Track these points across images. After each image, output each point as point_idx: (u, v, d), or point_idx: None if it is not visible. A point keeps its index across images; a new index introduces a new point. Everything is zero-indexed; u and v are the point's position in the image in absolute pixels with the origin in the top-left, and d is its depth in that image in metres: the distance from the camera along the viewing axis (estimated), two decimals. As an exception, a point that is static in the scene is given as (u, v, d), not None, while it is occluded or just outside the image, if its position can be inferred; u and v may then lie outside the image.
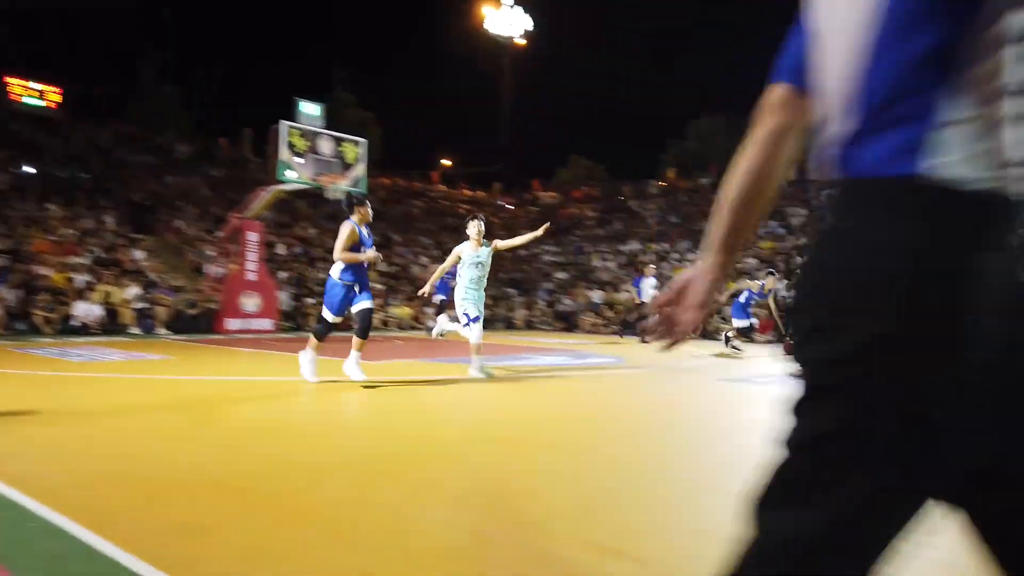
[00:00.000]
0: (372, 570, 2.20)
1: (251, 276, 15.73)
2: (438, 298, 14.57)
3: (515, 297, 22.88)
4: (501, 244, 8.17)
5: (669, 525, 2.79)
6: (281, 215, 21.82)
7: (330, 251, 20.88)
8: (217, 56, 39.50)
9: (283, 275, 18.63)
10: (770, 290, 12.77)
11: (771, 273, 13.02)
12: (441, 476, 3.47)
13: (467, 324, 7.74)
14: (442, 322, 8.68)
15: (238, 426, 4.69)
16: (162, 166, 23.42)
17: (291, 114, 14.84)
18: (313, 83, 34.28)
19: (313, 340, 6.74)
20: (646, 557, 2.40)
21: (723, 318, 18.75)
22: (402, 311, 19.46)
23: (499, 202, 34.02)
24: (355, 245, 6.62)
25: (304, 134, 14.81)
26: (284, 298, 17.32)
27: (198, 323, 15.10)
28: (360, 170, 15.84)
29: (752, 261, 21.62)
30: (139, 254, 17.26)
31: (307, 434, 4.48)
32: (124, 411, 5.21)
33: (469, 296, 7.76)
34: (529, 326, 21.72)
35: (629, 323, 19.51)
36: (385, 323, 18.71)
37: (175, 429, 4.50)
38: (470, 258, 7.80)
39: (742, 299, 12.72)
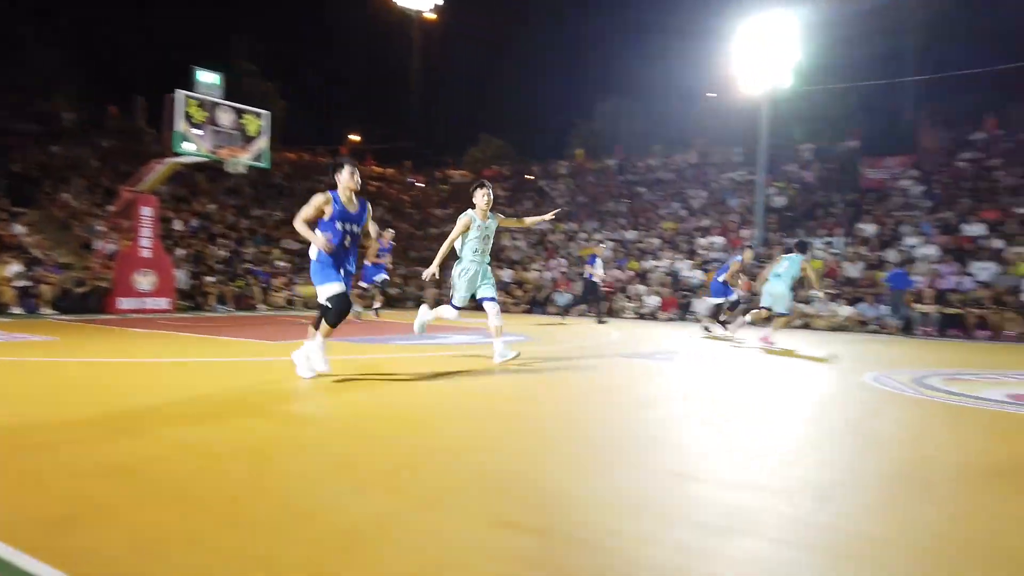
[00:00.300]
0: (273, 555, 2.16)
1: (145, 253, 15.00)
2: (380, 277, 14.05)
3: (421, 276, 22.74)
4: (505, 221, 7.46)
5: (571, 497, 2.85)
6: (178, 189, 20.83)
7: (231, 227, 20.13)
8: (107, 18, 36.91)
9: (181, 252, 17.83)
10: (749, 263, 12.66)
11: (749, 247, 12.98)
12: (343, 456, 3.42)
13: (453, 306, 7.35)
14: (421, 315, 7.71)
15: (128, 410, 4.47)
16: (46, 135, 21.85)
17: (188, 83, 14.12)
18: (211, 51, 32.58)
19: (324, 328, 5.64)
20: (547, 529, 2.45)
21: (628, 297, 19.23)
22: (308, 290, 19.01)
23: (409, 180, 33.60)
24: (329, 219, 5.53)
25: (202, 104, 14.14)
26: (182, 276, 16.61)
27: (87, 302, 14.28)
28: (263, 143, 15.29)
29: (655, 241, 22.25)
30: (20, 229, 16.11)
31: (204, 417, 4.32)
32: (2, 396, 4.88)
33: (470, 271, 7.19)
34: (440, 304, 21.63)
35: (538, 302, 19.76)
36: (291, 302, 18.26)
37: (58, 414, 4.25)
38: (478, 227, 7.09)
39: (721, 279, 12.56)
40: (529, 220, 7.74)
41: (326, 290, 5.53)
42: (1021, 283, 15.08)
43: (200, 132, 14.08)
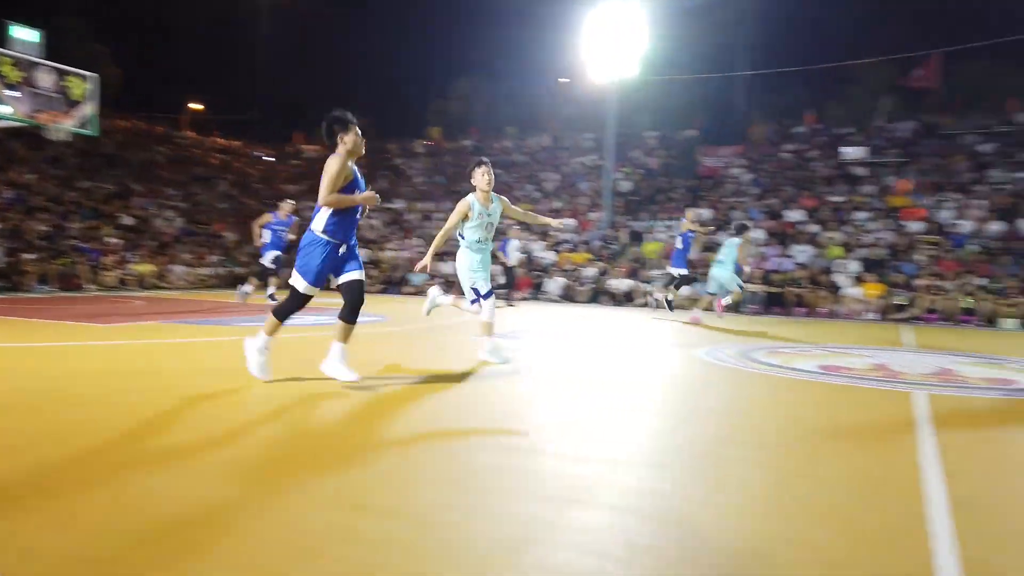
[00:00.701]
0: (93, 555, 2.06)
1: (-51, 227, 13.41)
2: (271, 255, 12.36)
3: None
4: (510, 210, 6.52)
5: (424, 478, 2.92)
6: (-12, 156, 18.73)
7: (54, 200, 18.63)
8: None
9: (-7, 226, 16.10)
10: (693, 220, 12.59)
11: (689, 206, 13.06)
12: (187, 446, 3.30)
13: (475, 300, 6.35)
14: (433, 295, 6.76)
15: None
16: None
17: (1, 39, 12.69)
18: (31, 5, 29.24)
19: (271, 322, 4.84)
20: (400, 510, 2.51)
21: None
22: (144, 268, 17.77)
23: (255, 153, 32.03)
24: (348, 185, 4.79)
25: (18, 63, 12.75)
26: (-5, 253, 15.01)
27: None
28: (89, 109, 14.04)
29: (509, 222, 22.65)
30: None
31: (13, 406, 3.99)
32: None
33: (475, 262, 6.28)
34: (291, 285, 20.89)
35: (393, 282, 19.62)
36: (123, 281, 16.99)
37: None
38: (479, 215, 6.19)
39: (680, 244, 12.38)
40: (531, 216, 6.92)
41: (299, 282, 4.78)
42: (832, 264, 16.76)
43: (16, 94, 12.71)
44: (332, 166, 4.69)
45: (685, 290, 14.22)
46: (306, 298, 4.83)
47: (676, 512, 2.59)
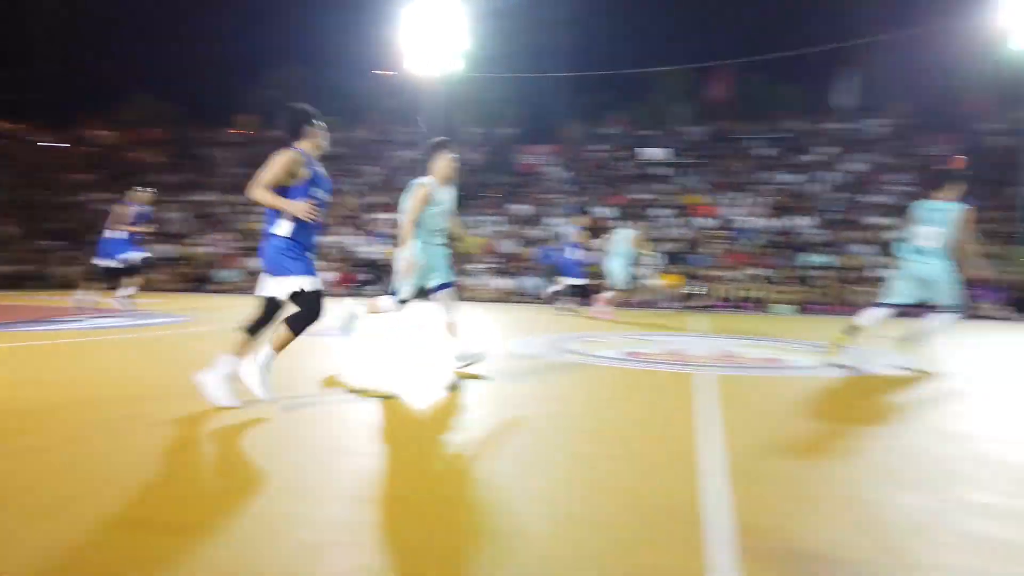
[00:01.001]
0: None
1: None
2: (124, 255, 10.51)
3: (59, 251, 19.84)
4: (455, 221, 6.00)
5: (205, 491, 2.83)
6: None
7: None
8: None
9: None
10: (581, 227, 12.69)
11: (584, 212, 12.99)
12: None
13: (397, 300, 5.77)
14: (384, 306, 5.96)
15: None
16: None
17: None
18: None
19: (281, 337, 4.24)
20: (184, 526, 2.42)
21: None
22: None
23: (29, 138, 28.70)
24: (304, 184, 4.25)
25: None
26: None
27: None
28: None
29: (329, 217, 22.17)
30: None
31: None
32: None
33: (427, 255, 5.66)
34: (77, 285, 19.09)
35: (204, 279, 18.50)
36: None
37: None
38: (438, 203, 5.61)
39: (571, 254, 12.62)
40: (457, 225, 6.18)
41: (295, 283, 4.15)
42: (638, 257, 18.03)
43: None
44: (280, 159, 4.25)
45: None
46: (321, 295, 4.23)
47: (482, 500, 2.73)
